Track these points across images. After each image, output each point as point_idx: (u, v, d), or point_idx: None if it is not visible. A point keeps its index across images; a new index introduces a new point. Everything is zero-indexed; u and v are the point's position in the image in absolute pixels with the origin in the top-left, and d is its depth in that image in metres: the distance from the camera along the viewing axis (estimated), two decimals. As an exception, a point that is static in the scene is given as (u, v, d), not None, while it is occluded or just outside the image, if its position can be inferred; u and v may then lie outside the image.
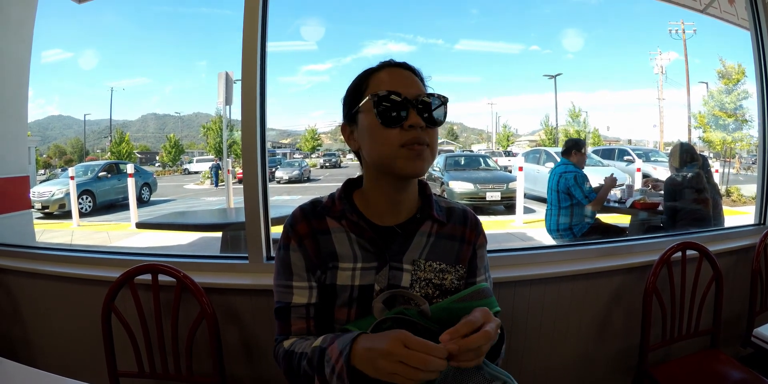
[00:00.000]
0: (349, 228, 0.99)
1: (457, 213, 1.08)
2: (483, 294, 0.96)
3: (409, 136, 0.90)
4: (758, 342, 1.66)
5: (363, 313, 0.96)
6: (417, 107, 0.91)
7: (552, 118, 31.66)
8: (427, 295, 0.98)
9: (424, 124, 0.91)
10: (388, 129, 0.91)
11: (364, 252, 0.98)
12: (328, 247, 0.98)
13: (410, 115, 0.90)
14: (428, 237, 1.02)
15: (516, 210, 8.09)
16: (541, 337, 1.84)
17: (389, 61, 0.99)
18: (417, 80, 0.97)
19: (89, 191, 11.27)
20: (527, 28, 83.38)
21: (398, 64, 0.98)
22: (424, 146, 0.91)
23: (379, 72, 0.97)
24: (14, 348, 2.04)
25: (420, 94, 0.93)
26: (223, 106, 8.70)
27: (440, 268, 1.00)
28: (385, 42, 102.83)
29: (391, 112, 0.91)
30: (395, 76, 0.95)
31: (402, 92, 0.91)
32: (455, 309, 0.93)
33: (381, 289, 0.96)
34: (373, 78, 0.96)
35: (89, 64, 75.97)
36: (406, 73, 0.97)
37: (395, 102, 0.91)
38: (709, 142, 13.38)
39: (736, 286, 2.11)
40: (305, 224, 1.00)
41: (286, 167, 20.54)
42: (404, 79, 0.95)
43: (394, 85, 0.93)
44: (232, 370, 1.74)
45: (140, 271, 1.55)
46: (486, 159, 12.28)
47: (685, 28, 19.54)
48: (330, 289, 0.97)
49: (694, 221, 3.20)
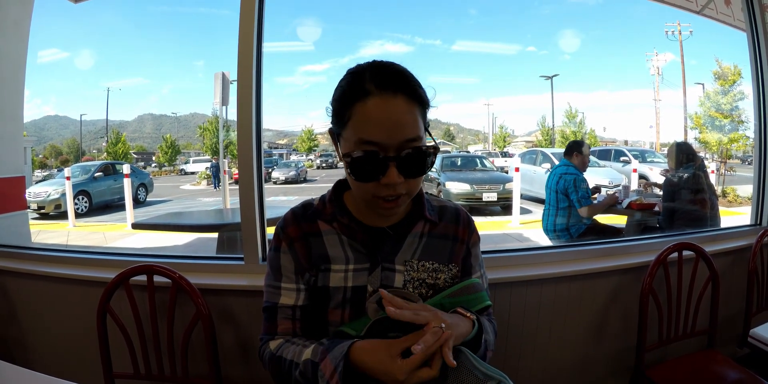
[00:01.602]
0: (341, 230, 0.98)
1: (449, 212, 1.07)
2: (474, 289, 0.97)
3: (385, 192, 0.86)
4: (755, 342, 1.66)
5: (357, 314, 0.95)
6: (399, 159, 0.83)
7: (549, 119, 31.69)
8: (421, 294, 0.97)
9: (402, 180, 0.85)
10: (364, 183, 0.86)
11: (356, 253, 0.97)
12: (320, 249, 0.98)
13: (388, 172, 0.83)
14: (420, 237, 1.01)
15: (512, 211, 8.09)
16: (537, 338, 1.84)
17: (383, 80, 0.84)
18: (409, 115, 0.84)
19: (85, 192, 11.25)
20: (524, 29, 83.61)
21: (391, 87, 0.83)
22: (400, 199, 0.88)
23: (366, 101, 0.83)
24: (9, 349, 2.03)
25: (406, 140, 0.83)
26: (219, 106, 8.67)
27: (433, 267, 1.00)
28: (382, 42, 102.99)
29: (365, 168, 0.84)
30: (383, 114, 0.82)
31: (384, 141, 0.82)
32: (447, 305, 0.94)
33: (374, 290, 0.95)
34: (357, 108, 0.83)
35: (86, 64, 75.98)
36: (398, 106, 0.83)
37: (371, 158, 0.83)
38: (706, 143, 13.41)
39: (733, 286, 2.11)
40: (296, 227, 1.00)
41: (282, 168, 20.53)
42: (392, 117, 0.82)
43: (377, 129, 0.82)
44: (227, 371, 1.73)
45: (136, 272, 1.54)
46: (482, 160, 12.32)
47: (681, 29, 19.61)
48: (322, 291, 0.97)
49: (692, 221, 3.21)
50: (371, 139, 0.82)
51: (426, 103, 0.89)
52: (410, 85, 0.86)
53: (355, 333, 0.92)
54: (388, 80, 0.84)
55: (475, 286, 0.98)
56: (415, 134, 0.84)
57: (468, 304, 0.96)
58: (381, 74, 0.85)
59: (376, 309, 0.92)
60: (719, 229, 2.42)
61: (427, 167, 0.87)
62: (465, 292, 0.96)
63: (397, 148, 0.83)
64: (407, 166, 0.84)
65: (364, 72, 0.86)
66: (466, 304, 0.95)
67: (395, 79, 0.85)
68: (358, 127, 0.83)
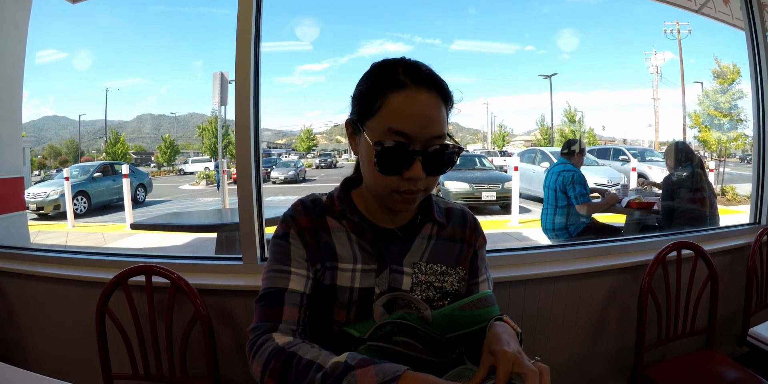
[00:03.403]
0: (350, 228, 0.97)
1: (456, 214, 1.07)
2: (486, 302, 0.95)
3: (405, 187, 0.86)
4: (754, 341, 1.66)
5: (362, 315, 0.93)
6: (425, 155, 0.84)
7: (547, 118, 31.65)
8: (428, 298, 0.96)
9: (424, 176, 0.85)
10: (386, 176, 0.85)
11: (364, 253, 0.96)
12: (329, 244, 0.95)
13: (413, 167, 0.83)
14: (429, 239, 1.01)
15: (511, 210, 8.09)
16: (536, 337, 1.84)
17: (417, 75, 0.86)
18: (439, 112, 0.85)
19: (84, 192, 11.21)
20: (522, 28, 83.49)
21: (425, 82, 0.85)
22: (418, 194, 0.88)
23: (401, 93, 0.84)
24: (8, 350, 2.03)
25: (434, 137, 0.84)
26: (218, 106, 8.65)
27: (441, 270, 0.99)
28: (382, 42, 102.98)
29: (392, 159, 0.83)
30: (416, 105, 0.83)
31: (414, 134, 0.82)
32: (457, 316, 0.92)
33: (381, 292, 0.94)
34: (391, 98, 0.84)
35: (84, 64, 75.80)
36: (430, 101, 0.84)
37: (401, 149, 0.83)
38: (705, 141, 13.40)
39: (732, 285, 2.11)
40: (307, 218, 0.97)
41: (281, 167, 20.48)
42: (424, 111, 0.84)
43: (408, 120, 0.83)
44: (226, 371, 1.73)
45: (134, 272, 1.54)
46: (482, 159, 12.29)
47: (680, 28, 19.58)
48: (329, 289, 0.94)
49: (691, 220, 3.21)
50: (401, 130, 0.82)
51: (452, 103, 0.90)
52: (442, 84, 0.88)
53: (359, 335, 0.90)
54: (423, 76, 0.86)
55: (488, 300, 0.95)
56: (442, 132, 0.86)
57: (479, 318, 0.93)
58: (415, 69, 0.86)
59: (383, 312, 0.91)
60: (718, 227, 2.43)
61: (450, 166, 0.88)
62: (478, 305, 0.93)
63: (424, 143, 0.84)
64: (432, 162, 0.85)
65: (396, 66, 0.87)
66: (477, 318, 0.93)
67: (428, 75, 0.87)
68: (390, 117, 0.84)
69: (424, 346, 0.89)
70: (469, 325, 0.92)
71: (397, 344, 0.87)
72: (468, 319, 0.92)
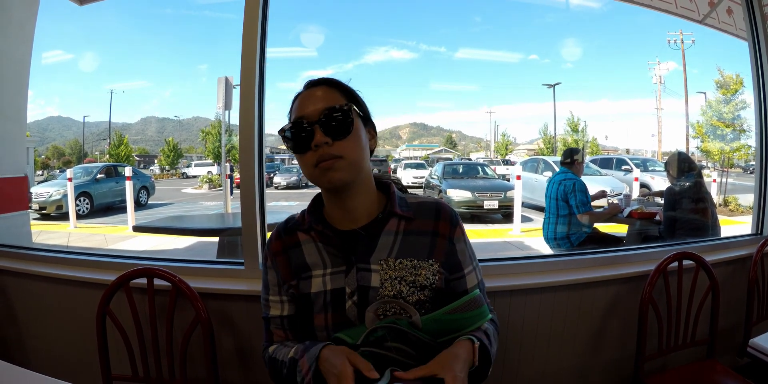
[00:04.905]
0: (317, 237, 1.05)
1: (428, 207, 1.08)
2: (474, 304, 0.95)
3: (317, 156, 0.95)
4: (754, 352, 1.66)
5: (338, 316, 0.98)
6: (321, 122, 0.95)
7: (551, 127, 31.71)
8: (401, 292, 0.97)
9: (329, 140, 0.94)
10: (303, 155, 0.97)
11: (333, 257, 1.02)
12: (299, 259, 1.05)
13: (315, 135, 0.94)
14: (395, 235, 1.03)
15: (513, 219, 8.07)
16: (536, 346, 1.83)
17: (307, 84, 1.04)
18: (325, 92, 1.00)
19: (87, 193, 11.22)
20: (526, 37, 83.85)
21: (314, 84, 1.03)
22: (333, 160, 0.94)
23: (296, 100, 1.02)
24: (8, 349, 2.03)
25: (325, 108, 0.96)
26: (222, 110, 8.67)
27: (412, 264, 1.00)
28: (387, 49, 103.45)
29: (296, 137, 0.97)
30: (305, 99, 0.99)
31: (306, 114, 0.96)
32: (446, 320, 0.93)
33: (352, 291, 0.98)
34: (292, 103, 1.02)
35: (90, 66, 76.32)
36: (317, 91, 1.00)
37: (298, 127, 0.96)
38: (708, 151, 13.37)
39: (733, 296, 2.11)
40: (278, 242, 1.09)
41: (284, 173, 20.48)
42: (312, 98, 0.99)
43: (301, 110, 0.98)
44: (225, 375, 1.73)
45: (136, 274, 1.54)
46: (484, 167, 12.30)
47: (683, 38, 19.64)
48: (305, 298, 1.02)
49: (693, 231, 3.20)
50: (298, 115, 0.97)
51: (348, 90, 1.04)
52: (330, 80, 1.03)
53: (352, 341, 0.92)
54: (313, 81, 1.04)
55: (476, 301, 0.96)
56: (332, 104, 0.97)
57: (469, 320, 0.94)
58: (309, 81, 1.05)
59: (374, 318, 0.92)
60: (720, 238, 2.42)
61: (349, 127, 0.96)
62: (466, 308, 0.94)
63: (318, 116, 0.95)
64: (329, 126, 0.95)
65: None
66: (467, 321, 0.94)
67: (318, 80, 1.04)
68: (292, 114, 1.01)
69: (416, 351, 0.90)
70: (460, 329, 0.94)
71: (389, 350, 0.88)
72: (458, 323, 0.94)
